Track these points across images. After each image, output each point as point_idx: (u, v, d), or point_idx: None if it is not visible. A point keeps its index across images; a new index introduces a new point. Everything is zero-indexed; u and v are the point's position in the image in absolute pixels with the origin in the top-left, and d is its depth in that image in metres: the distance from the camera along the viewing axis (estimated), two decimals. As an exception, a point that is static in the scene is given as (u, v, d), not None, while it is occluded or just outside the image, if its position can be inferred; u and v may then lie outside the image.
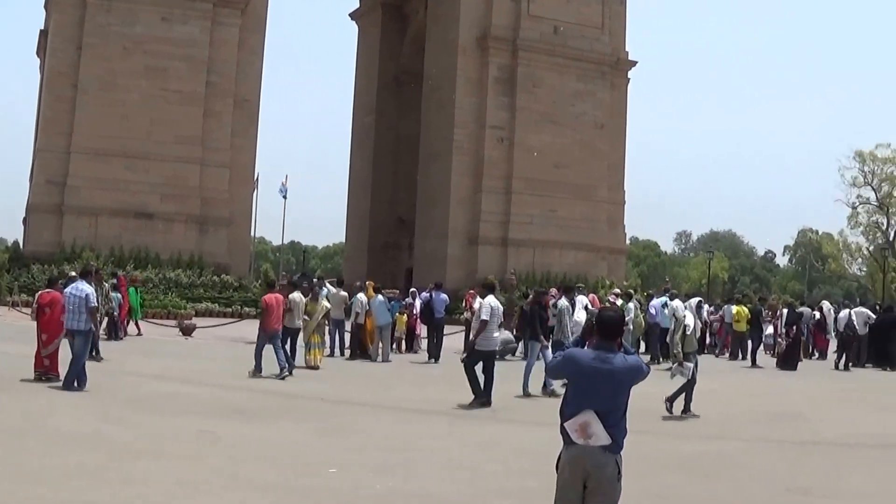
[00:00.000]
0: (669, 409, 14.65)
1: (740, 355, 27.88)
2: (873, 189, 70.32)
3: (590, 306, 22.15)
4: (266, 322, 18.42)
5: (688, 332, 14.91)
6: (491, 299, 15.93)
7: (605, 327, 6.07)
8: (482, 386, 15.24)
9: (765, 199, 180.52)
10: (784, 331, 26.03)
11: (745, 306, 28.66)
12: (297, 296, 20.03)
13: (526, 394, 16.84)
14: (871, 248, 72.06)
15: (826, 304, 32.52)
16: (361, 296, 23.73)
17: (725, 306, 29.90)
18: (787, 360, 25.52)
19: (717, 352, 29.65)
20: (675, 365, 14.85)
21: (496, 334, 16.14)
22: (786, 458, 12.05)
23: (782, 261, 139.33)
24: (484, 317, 15.46)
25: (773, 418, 15.56)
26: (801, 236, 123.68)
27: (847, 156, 71.12)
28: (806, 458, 12.16)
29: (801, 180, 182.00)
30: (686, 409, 14.83)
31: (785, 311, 26.83)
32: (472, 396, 15.23)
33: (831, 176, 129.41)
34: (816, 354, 29.73)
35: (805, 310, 29.24)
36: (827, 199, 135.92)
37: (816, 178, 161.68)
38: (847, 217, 72.07)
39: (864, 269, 76.04)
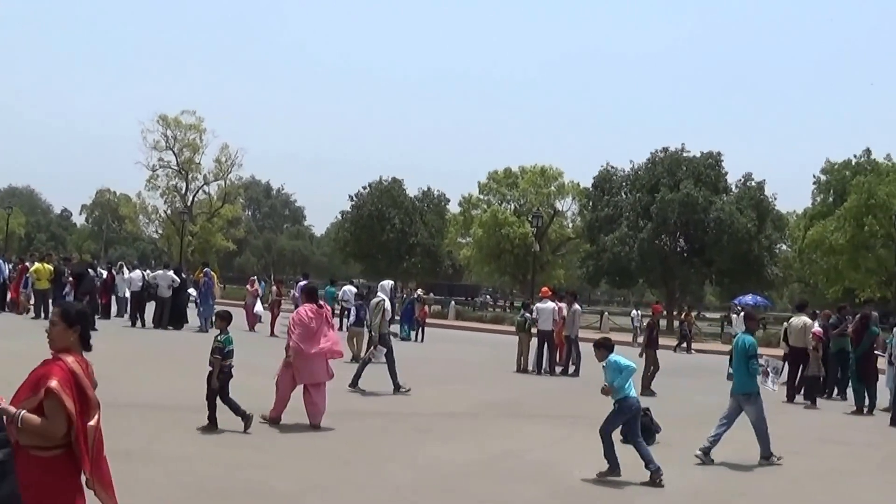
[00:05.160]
0: (401, 390, 16.24)
1: (42, 314, 26.84)
2: (175, 154, 72.16)
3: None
4: None
5: (387, 316, 16.50)
6: None
7: None
8: None
9: (64, 157, 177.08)
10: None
11: (48, 265, 27.69)
12: None
13: None
14: (170, 211, 73.86)
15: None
16: None
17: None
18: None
19: None
20: (372, 348, 16.27)
21: None
22: (102, 422, 11.49)
23: (79, 219, 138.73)
24: None
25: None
26: (100, 196, 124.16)
27: (151, 119, 72.13)
28: (120, 420, 11.78)
29: (103, 140, 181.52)
30: (397, 388, 16.28)
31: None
32: None
33: (134, 138, 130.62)
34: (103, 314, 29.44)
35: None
36: (128, 161, 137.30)
37: (118, 139, 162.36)
38: (147, 179, 73.04)
39: (161, 231, 77.69)
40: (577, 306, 23.30)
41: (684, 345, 35.17)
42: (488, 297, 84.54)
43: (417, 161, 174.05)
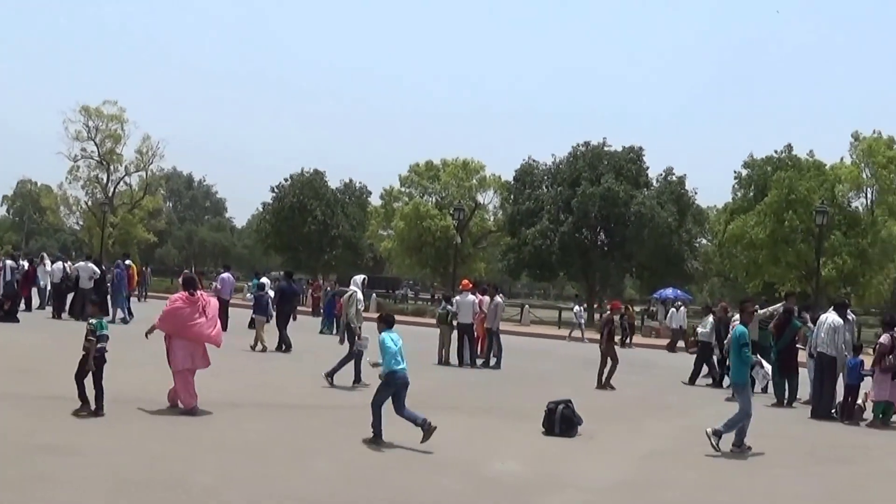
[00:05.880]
0: (331, 382, 16.60)
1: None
2: (97, 144, 71.42)
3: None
4: None
5: (360, 307, 17.23)
6: None
7: None
8: None
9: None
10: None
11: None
12: None
13: None
14: (90, 202, 73.13)
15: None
16: None
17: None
18: (9, 314, 25.61)
19: None
20: (357, 338, 16.88)
21: None
22: (26, 415, 11.75)
23: (0, 210, 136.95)
24: None
25: (7, 373, 15.12)
26: (21, 187, 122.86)
27: (73, 109, 71.51)
28: (43, 413, 11.94)
29: (24, 130, 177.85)
30: (330, 376, 16.72)
31: (9, 262, 26.61)
32: None
33: (55, 128, 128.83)
34: (24, 306, 29.08)
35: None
36: (49, 151, 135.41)
37: (40, 130, 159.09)
38: (68, 171, 72.41)
39: (82, 222, 76.81)
40: (499, 299, 23.61)
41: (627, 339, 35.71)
42: (409, 289, 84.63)
43: (339, 153, 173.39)
